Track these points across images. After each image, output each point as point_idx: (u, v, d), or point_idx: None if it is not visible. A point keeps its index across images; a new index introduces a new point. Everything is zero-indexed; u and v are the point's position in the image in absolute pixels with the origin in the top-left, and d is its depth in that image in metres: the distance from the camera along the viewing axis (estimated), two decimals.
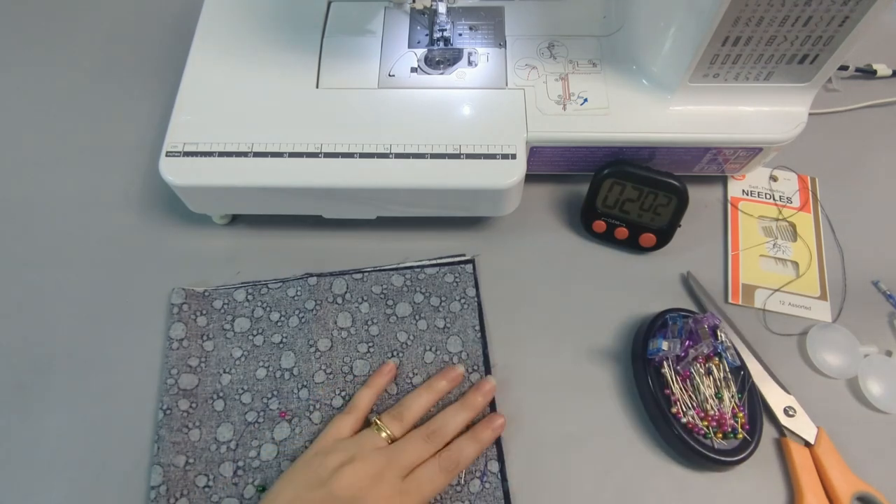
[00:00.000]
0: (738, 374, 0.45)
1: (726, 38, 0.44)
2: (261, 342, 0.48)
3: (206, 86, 0.51)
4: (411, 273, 0.51)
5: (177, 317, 0.48)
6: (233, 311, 0.49)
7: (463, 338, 0.48)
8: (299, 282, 0.50)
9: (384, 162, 0.47)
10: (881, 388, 0.46)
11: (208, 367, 0.47)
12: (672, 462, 0.45)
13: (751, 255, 0.53)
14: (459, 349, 0.48)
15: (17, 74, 0.63)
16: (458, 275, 0.50)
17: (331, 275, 0.50)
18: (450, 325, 0.48)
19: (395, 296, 0.50)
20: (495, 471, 0.43)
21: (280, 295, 0.49)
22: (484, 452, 0.44)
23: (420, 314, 0.49)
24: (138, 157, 0.57)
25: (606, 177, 0.50)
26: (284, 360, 0.47)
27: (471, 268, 0.51)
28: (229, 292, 0.49)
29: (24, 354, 0.48)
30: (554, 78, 0.51)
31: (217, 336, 0.48)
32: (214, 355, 0.47)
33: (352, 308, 0.49)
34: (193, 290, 0.49)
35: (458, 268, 0.51)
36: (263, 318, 0.48)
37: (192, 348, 0.47)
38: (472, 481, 0.43)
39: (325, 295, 0.49)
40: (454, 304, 0.49)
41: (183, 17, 0.66)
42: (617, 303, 0.51)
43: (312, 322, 0.48)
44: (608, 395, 0.47)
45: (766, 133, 0.49)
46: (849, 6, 0.40)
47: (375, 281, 0.50)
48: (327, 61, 0.52)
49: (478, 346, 0.48)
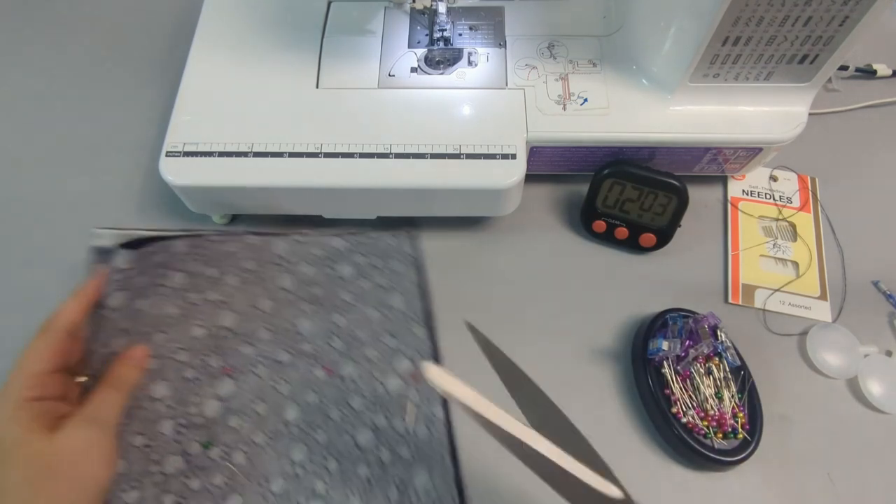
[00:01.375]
0: (738, 374, 0.45)
1: (726, 38, 0.44)
2: (197, 300, 0.46)
3: (206, 86, 0.51)
4: (350, 237, 0.51)
5: (118, 284, 0.44)
6: (171, 264, 0.46)
7: (405, 295, 0.48)
8: (238, 238, 0.48)
9: (384, 162, 0.47)
10: (881, 388, 0.46)
11: (140, 327, 0.45)
12: (672, 462, 0.45)
13: (751, 255, 0.53)
14: (402, 305, 0.48)
15: (18, 74, 0.63)
16: (397, 237, 0.51)
17: (270, 234, 0.49)
18: (392, 284, 0.49)
19: (337, 257, 0.50)
20: (441, 416, 0.44)
21: (217, 250, 0.47)
22: (429, 398, 0.45)
23: (362, 275, 0.49)
24: (138, 157, 0.57)
25: (606, 177, 0.50)
26: (223, 318, 0.46)
27: (407, 235, 0.51)
28: (171, 244, 0.46)
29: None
30: (554, 78, 0.51)
31: (152, 294, 0.45)
32: (148, 314, 0.45)
33: (293, 269, 0.49)
34: (128, 236, 0.46)
35: (398, 231, 0.51)
36: (200, 273, 0.46)
37: (126, 310, 0.45)
38: (418, 427, 0.43)
39: (265, 255, 0.48)
40: (395, 264, 0.49)
41: (183, 17, 0.66)
42: (617, 303, 0.51)
43: (253, 282, 0.47)
44: (608, 395, 0.47)
45: (766, 133, 0.49)
46: (849, 6, 0.40)
47: (316, 244, 0.50)
48: (327, 61, 0.52)
49: (419, 303, 0.48)
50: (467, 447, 0.44)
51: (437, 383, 0.36)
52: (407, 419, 0.44)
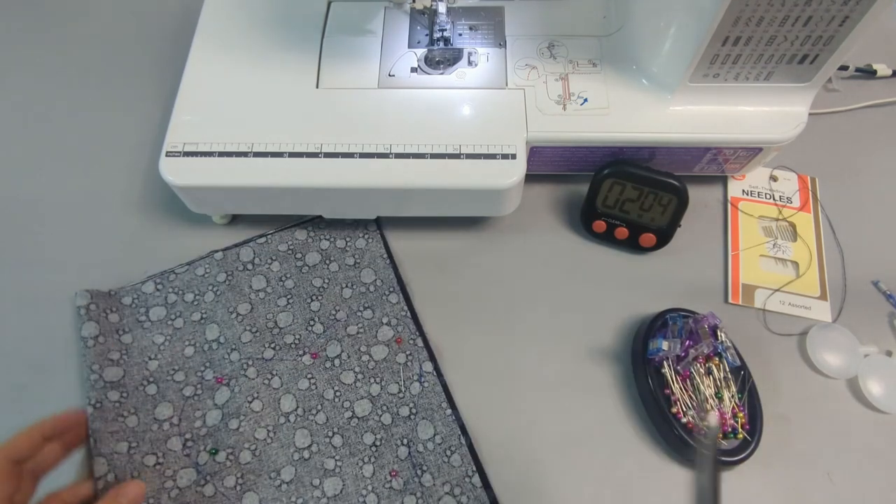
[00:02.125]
0: (738, 374, 0.45)
1: (726, 38, 0.44)
2: (181, 324, 0.49)
3: (206, 86, 0.51)
4: (312, 225, 0.53)
5: (86, 316, 0.47)
6: (144, 303, 0.49)
7: (374, 268, 0.51)
8: (206, 260, 0.51)
9: (384, 162, 0.47)
10: (881, 388, 0.46)
11: (132, 358, 0.47)
12: (672, 462, 0.45)
13: (751, 255, 0.53)
14: (373, 278, 0.51)
15: (18, 74, 0.63)
16: (358, 218, 0.53)
17: (235, 246, 0.52)
18: (359, 260, 0.51)
19: (302, 248, 0.52)
20: (430, 370, 0.47)
21: (189, 277, 0.50)
22: (416, 356, 0.47)
23: (330, 258, 0.52)
24: (138, 157, 0.57)
25: (606, 177, 0.50)
26: (209, 332, 0.48)
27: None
28: (136, 288, 0.50)
29: (24, 354, 0.48)
30: (554, 78, 0.51)
31: (133, 328, 0.48)
32: (135, 346, 0.48)
33: (263, 270, 0.51)
34: (98, 291, 0.49)
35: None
36: (178, 302, 0.49)
37: (110, 343, 0.47)
38: (411, 385, 0.46)
39: (234, 265, 0.51)
40: (359, 241, 0.52)
41: (183, 17, 0.66)
42: (617, 303, 0.51)
43: (228, 292, 0.50)
44: (608, 395, 0.47)
45: (766, 133, 0.49)
46: (849, 6, 0.40)
47: (280, 240, 0.52)
48: (327, 61, 0.52)
49: (389, 271, 0.51)
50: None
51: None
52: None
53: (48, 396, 0.47)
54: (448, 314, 0.50)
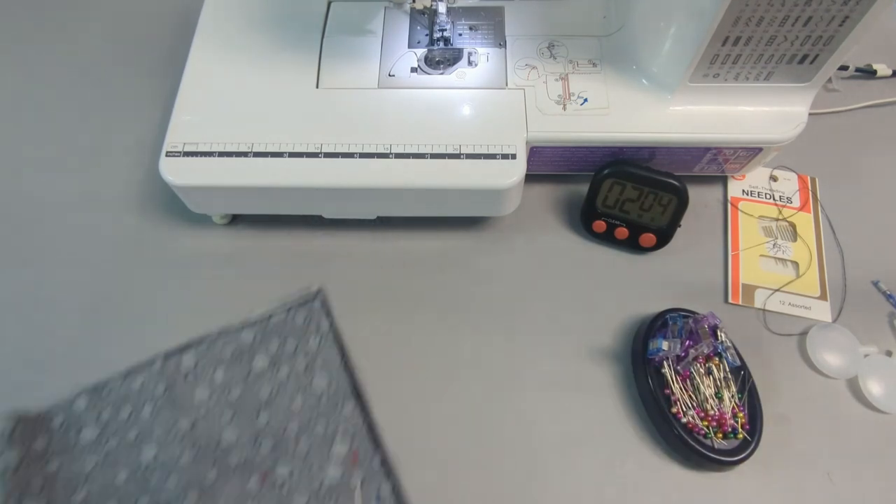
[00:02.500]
0: (738, 374, 0.45)
1: (726, 38, 0.44)
2: (114, 445, 0.44)
3: (206, 86, 0.51)
4: (260, 325, 0.48)
5: (7, 445, 0.42)
6: (76, 423, 0.45)
7: (328, 372, 0.47)
8: (144, 369, 0.47)
9: (384, 162, 0.47)
10: (881, 388, 0.46)
11: (55, 492, 0.43)
12: (672, 462, 0.45)
13: (751, 255, 0.53)
14: (326, 384, 0.46)
15: (17, 74, 0.63)
16: (308, 312, 0.49)
17: (177, 352, 0.47)
18: (311, 364, 0.47)
19: (249, 352, 0.48)
20: (388, 493, 0.42)
21: (125, 390, 0.46)
22: (373, 478, 0.42)
23: (279, 362, 0.47)
24: (138, 157, 0.57)
25: (606, 177, 0.50)
26: (145, 453, 0.44)
27: (319, 302, 0.49)
28: (67, 406, 0.45)
29: (24, 354, 0.48)
30: (554, 78, 0.51)
31: (62, 453, 0.44)
32: (62, 475, 0.43)
33: (206, 378, 0.47)
34: (25, 414, 0.44)
35: (307, 306, 0.49)
36: (112, 419, 0.45)
37: (32, 473, 0.43)
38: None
39: (174, 374, 0.47)
40: (311, 342, 0.48)
41: (183, 17, 0.66)
42: (617, 303, 0.51)
43: (167, 406, 0.46)
44: (608, 395, 0.47)
45: (766, 133, 0.49)
46: (849, 6, 0.40)
47: (224, 343, 0.48)
48: (327, 61, 0.52)
49: (344, 376, 0.46)
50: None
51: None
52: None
53: (48, 396, 0.47)
54: (448, 314, 0.50)
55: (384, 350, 0.49)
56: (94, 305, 0.50)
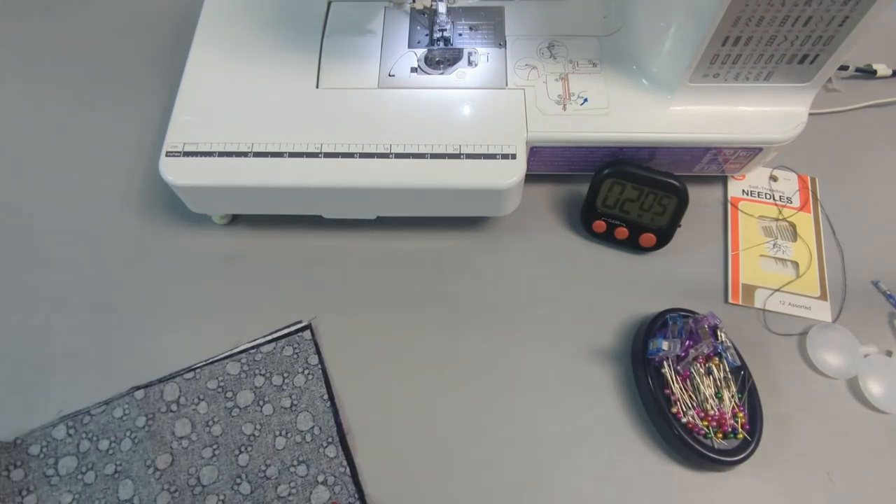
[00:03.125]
0: (738, 374, 0.45)
1: (726, 38, 0.44)
2: (92, 478, 0.43)
3: (206, 86, 0.51)
4: (247, 356, 0.47)
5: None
6: (54, 452, 0.44)
7: (313, 412, 0.46)
8: (125, 399, 0.46)
9: (384, 162, 0.47)
10: (881, 388, 0.46)
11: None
12: (672, 462, 0.45)
13: (751, 255, 0.53)
14: (311, 425, 0.45)
15: (17, 74, 0.63)
16: (297, 345, 0.48)
17: (160, 381, 0.46)
18: (297, 402, 0.46)
19: (234, 385, 0.46)
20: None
21: (105, 420, 0.45)
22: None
23: (263, 398, 0.46)
24: (138, 157, 0.57)
25: (606, 177, 0.50)
26: (122, 490, 0.43)
27: (309, 334, 0.48)
28: (46, 432, 0.45)
29: (24, 354, 0.48)
30: (554, 78, 0.51)
31: (39, 486, 0.43)
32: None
33: (188, 412, 0.45)
34: (3, 443, 0.44)
35: (296, 337, 0.48)
36: (91, 450, 0.44)
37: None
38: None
39: (156, 406, 0.45)
40: (298, 378, 0.47)
41: (183, 17, 0.66)
42: (617, 303, 0.51)
43: (146, 440, 0.44)
44: (608, 395, 0.47)
45: (766, 133, 0.49)
46: (849, 6, 0.40)
47: (210, 375, 0.47)
48: (327, 61, 0.52)
49: (329, 416, 0.45)
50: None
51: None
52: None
53: (48, 396, 0.47)
54: (447, 314, 0.50)
55: (384, 350, 0.49)
56: (93, 305, 0.50)
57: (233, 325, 0.49)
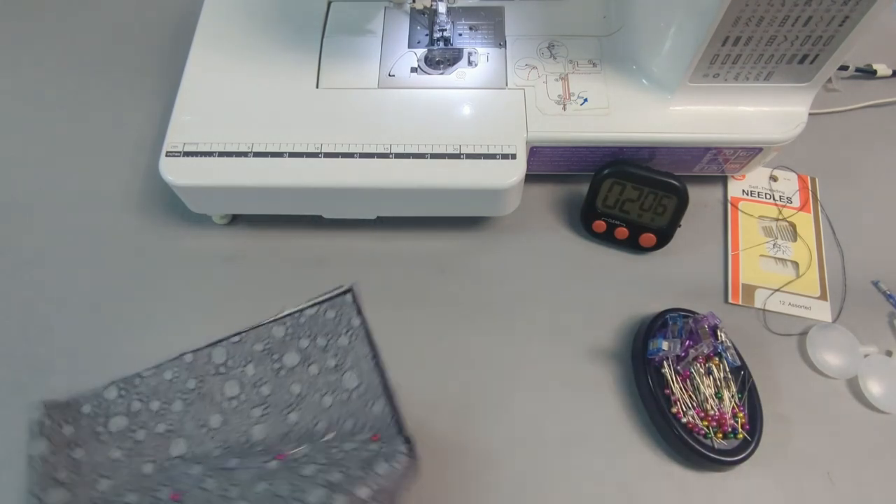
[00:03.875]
0: (738, 374, 0.45)
1: (726, 38, 0.44)
2: (143, 436, 0.44)
3: (206, 86, 0.51)
4: (291, 320, 0.48)
5: (38, 432, 0.43)
6: (105, 411, 0.45)
7: (358, 371, 0.46)
8: (175, 362, 0.47)
9: (384, 162, 0.47)
10: (881, 388, 0.46)
11: (81, 477, 0.43)
12: (672, 462, 0.45)
13: (751, 255, 0.53)
14: (357, 383, 0.46)
15: (17, 74, 0.63)
16: (340, 308, 0.49)
17: (208, 346, 0.48)
18: (341, 362, 0.47)
19: (280, 348, 0.47)
20: (402, 450, 0.39)
21: (156, 382, 0.46)
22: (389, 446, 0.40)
23: (309, 359, 0.47)
24: (138, 157, 0.57)
25: (606, 177, 0.50)
26: (174, 447, 0.44)
27: (350, 297, 0.49)
28: (98, 393, 0.46)
29: (24, 354, 0.48)
30: (554, 78, 0.51)
31: (88, 441, 0.44)
32: (87, 462, 0.43)
33: (237, 374, 0.47)
34: (56, 402, 0.45)
35: (339, 300, 0.49)
36: (142, 410, 0.45)
37: (59, 460, 0.43)
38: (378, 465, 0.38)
39: (205, 369, 0.47)
40: (342, 339, 0.47)
41: (183, 17, 0.66)
42: (617, 303, 0.51)
43: (198, 401, 0.46)
44: (608, 395, 0.47)
45: (766, 133, 0.49)
46: (849, 6, 0.40)
47: (256, 338, 0.48)
48: (327, 61, 0.52)
49: (374, 376, 0.46)
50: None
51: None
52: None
53: (48, 396, 0.47)
54: (447, 314, 0.50)
55: (384, 349, 0.49)
56: (93, 305, 0.50)
57: (232, 324, 0.49)
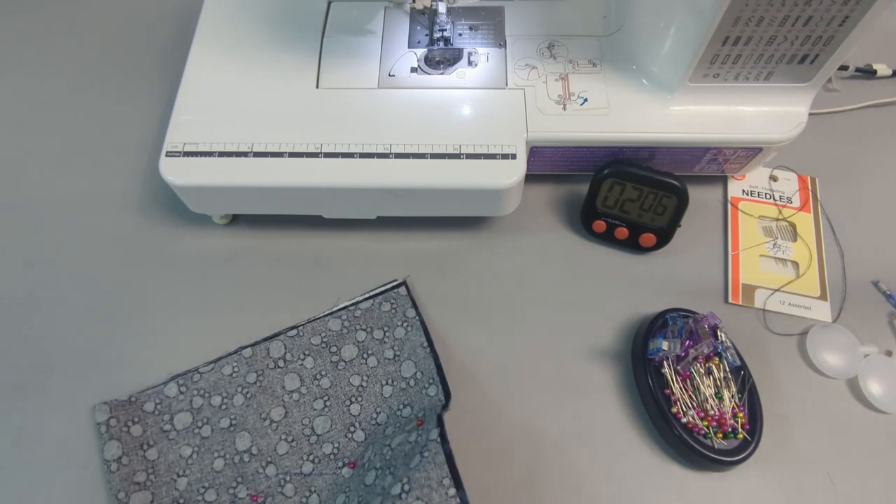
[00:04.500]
0: (738, 374, 0.45)
1: (726, 38, 0.44)
2: (209, 432, 0.45)
3: (206, 86, 0.51)
4: (347, 313, 0.49)
5: (107, 435, 0.44)
6: (168, 408, 0.46)
7: (415, 359, 0.47)
8: (233, 357, 0.47)
9: (384, 162, 0.47)
10: (881, 388, 0.46)
11: (159, 478, 0.44)
12: (672, 462, 0.45)
13: (751, 255, 0.53)
14: (413, 371, 0.47)
15: (17, 74, 0.63)
16: (394, 301, 0.49)
17: (265, 340, 0.48)
18: (399, 353, 0.47)
19: (337, 340, 0.48)
20: (434, 437, 0.39)
21: (215, 377, 0.47)
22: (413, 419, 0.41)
23: (367, 351, 0.48)
24: (138, 157, 0.57)
25: (606, 177, 0.50)
26: (240, 442, 0.45)
27: (404, 290, 0.49)
28: (158, 391, 0.46)
29: (24, 354, 0.48)
30: (554, 78, 0.51)
31: (159, 440, 0.45)
32: (162, 462, 0.44)
33: (296, 367, 0.47)
34: (117, 401, 0.45)
35: (393, 293, 0.49)
36: (204, 406, 0.46)
37: (135, 463, 0.44)
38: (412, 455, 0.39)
39: (264, 363, 0.47)
40: (398, 331, 0.48)
41: (183, 17, 0.66)
42: (617, 303, 0.51)
43: (259, 394, 0.46)
44: (608, 395, 0.47)
45: (766, 133, 0.49)
46: (849, 6, 0.40)
47: (313, 332, 0.48)
48: (327, 61, 0.52)
49: (430, 362, 0.47)
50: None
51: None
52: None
53: (48, 396, 0.47)
54: (447, 314, 0.50)
55: None
56: (93, 305, 0.50)
57: (232, 325, 0.49)
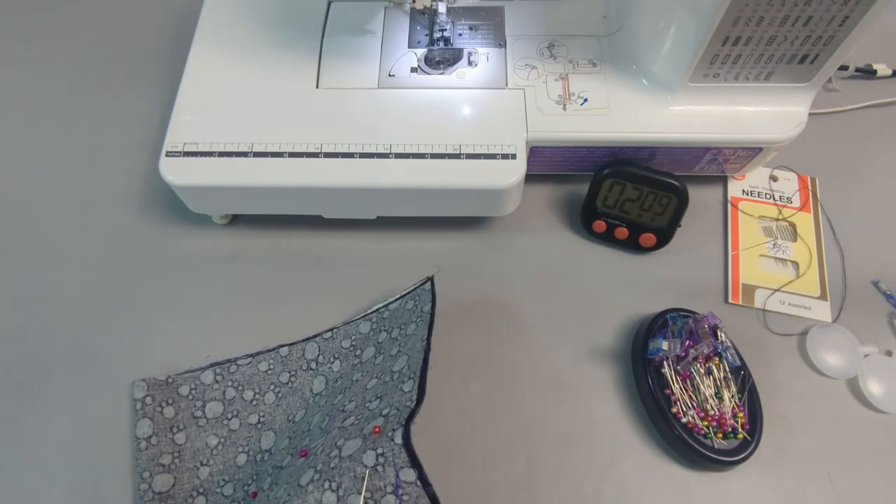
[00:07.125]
0: (738, 374, 0.45)
1: (726, 38, 0.44)
2: (237, 425, 0.45)
3: (206, 86, 0.51)
4: (377, 315, 0.48)
5: (141, 412, 0.44)
6: (202, 395, 0.46)
7: (409, 353, 0.45)
8: (270, 354, 0.48)
9: (384, 162, 0.47)
10: (881, 388, 0.46)
11: (183, 463, 0.44)
12: (672, 462, 0.45)
13: (751, 255, 0.53)
14: (402, 366, 0.44)
15: (17, 74, 0.63)
16: (418, 297, 0.48)
17: (303, 341, 0.48)
18: (402, 348, 0.45)
19: (363, 343, 0.48)
20: (411, 479, 0.36)
21: (251, 371, 0.47)
22: (391, 461, 0.37)
23: (381, 351, 0.47)
24: (138, 157, 0.57)
25: (606, 177, 0.50)
26: (265, 440, 0.45)
27: (429, 285, 0.48)
28: (195, 376, 0.46)
29: (24, 354, 0.48)
30: (554, 78, 0.51)
31: (189, 426, 0.45)
32: (189, 448, 0.44)
33: (325, 370, 0.47)
34: (155, 380, 0.46)
35: (418, 291, 0.48)
36: (236, 398, 0.46)
37: (163, 444, 0.44)
38: (383, 499, 0.36)
39: (298, 364, 0.47)
40: (410, 327, 0.47)
41: (183, 17, 0.66)
42: (617, 303, 0.51)
43: (289, 395, 0.46)
44: (608, 395, 0.47)
45: (766, 133, 0.49)
46: (849, 6, 0.40)
47: (345, 335, 0.48)
48: (327, 61, 0.52)
49: (420, 356, 0.43)
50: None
51: None
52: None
53: (48, 396, 0.47)
54: (447, 314, 0.50)
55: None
56: (93, 305, 0.50)
57: (232, 324, 0.49)
